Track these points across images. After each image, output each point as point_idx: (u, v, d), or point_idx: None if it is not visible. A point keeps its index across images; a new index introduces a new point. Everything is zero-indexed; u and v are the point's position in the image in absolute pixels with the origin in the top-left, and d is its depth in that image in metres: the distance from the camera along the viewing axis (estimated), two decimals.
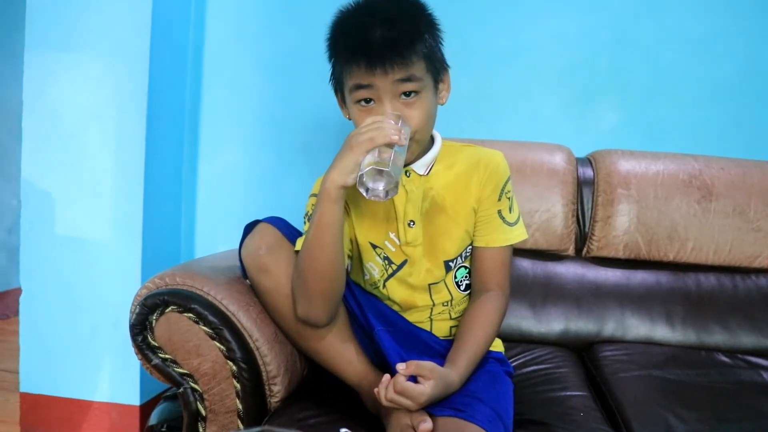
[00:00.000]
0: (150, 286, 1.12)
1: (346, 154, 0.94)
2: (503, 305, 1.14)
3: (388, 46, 0.97)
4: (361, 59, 0.99)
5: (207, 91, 1.93)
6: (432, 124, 1.10)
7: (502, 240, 1.15)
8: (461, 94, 1.84)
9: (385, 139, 0.92)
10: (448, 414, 0.95)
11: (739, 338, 1.52)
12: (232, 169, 1.95)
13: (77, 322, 1.72)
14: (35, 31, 1.68)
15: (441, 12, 1.80)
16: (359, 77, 1.01)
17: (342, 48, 1.04)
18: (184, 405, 1.09)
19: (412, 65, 1.00)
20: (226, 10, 1.92)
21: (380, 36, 0.98)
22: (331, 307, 1.05)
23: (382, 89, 1.00)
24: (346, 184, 0.95)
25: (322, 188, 0.97)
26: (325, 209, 0.97)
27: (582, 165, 1.68)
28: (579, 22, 1.80)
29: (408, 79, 1.00)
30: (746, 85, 1.76)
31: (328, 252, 1.00)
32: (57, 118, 1.68)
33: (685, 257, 1.59)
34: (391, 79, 0.99)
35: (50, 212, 1.71)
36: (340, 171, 0.95)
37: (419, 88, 1.02)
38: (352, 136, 0.95)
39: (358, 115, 1.04)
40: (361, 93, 1.02)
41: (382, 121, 0.94)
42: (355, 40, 1.00)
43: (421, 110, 1.03)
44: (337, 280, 1.03)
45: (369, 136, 0.92)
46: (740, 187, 1.58)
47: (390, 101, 1.01)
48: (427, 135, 1.10)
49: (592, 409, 1.14)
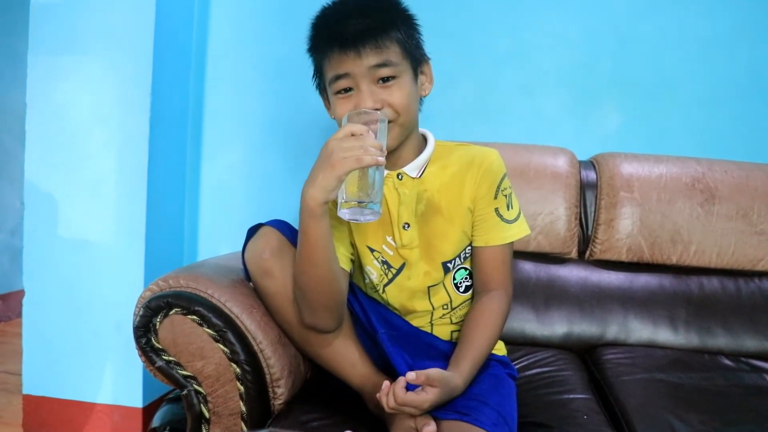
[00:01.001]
0: (154, 289, 1.12)
1: (326, 169, 0.90)
2: (506, 305, 1.13)
3: (361, 32, 1.00)
4: (336, 47, 1.02)
5: (210, 93, 1.94)
6: (415, 111, 1.09)
7: (500, 238, 1.14)
8: (464, 97, 1.85)
9: (371, 161, 0.88)
10: (452, 417, 0.95)
11: (743, 341, 1.52)
12: (235, 171, 1.95)
13: (80, 324, 1.72)
14: (38, 33, 1.68)
15: (443, 14, 1.83)
16: (336, 67, 1.03)
17: (318, 41, 1.08)
18: (188, 407, 1.09)
19: (386, 50, 1.02)
20: (230, 13, 1.92)
21: (353, 24, 1.01)
22: (335, 314, 1.05)
23: (359, 75, 1.02)
24: (328, 200, 0.93)
25: (304, 204, 0.94)
26: (311, 226, 0.95)
27: (585, 168, 1.68)
28: (582, 25, 1.80)
29: (383, 64, 1.02)
30: (750, 87, 1.76)
31: (321, 267, 0.99)
32: (60, 120, 1.69)
33: (688, 260, 1.59)
34: (366, 65, 1.01)
35: (53, 214, 1.71)
36: (322, 189, 0.91)
37: (396, 73, 1.04)
38: (333, 150, 0.90)
39: (339, 104, 1.05)
40: (340, 83, 1.04)
41: (364, 138, 0.90)
42: (329, 32, 1.04)
43: (400, 91, 1.04)
44: (336, 291, 1.03)
45: (355, 155, 0.88)
46: (743, 191, 1.58)
47: (368, 86, 1.02)
48: (410, 120, 1.08)
49: (595, 412, 1.14)
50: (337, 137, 0.91)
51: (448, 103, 1.85)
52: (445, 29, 1.83)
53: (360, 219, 0.93)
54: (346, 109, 1.02)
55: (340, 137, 0.91)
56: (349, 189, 0.91)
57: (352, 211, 0.92)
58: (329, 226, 0.97)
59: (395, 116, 1.04)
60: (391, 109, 1.03)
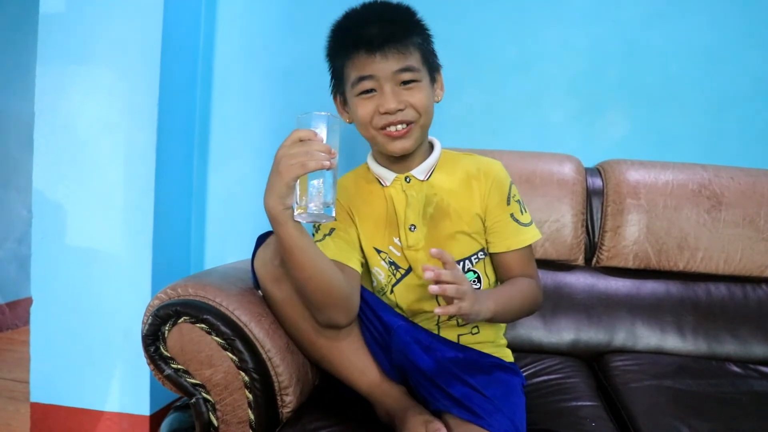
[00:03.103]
0: (162, 297, 1.13)
1: (275, 177, 0.91)
2: (536, 287, 1.18)
3: (386, 37, 1.06)
4: (362, 49, 1.06)
5: (217, 102, 1.94)
6: (431, 114, 1.14)
7: (521, 241, 1.18)
8: (471, 105, 1.86)
9: (315, 166, 0.88)
10: (467, 418, 0.96)
11: (751, 348, 1.52)
12: (242, 180, 1.95)
13: (87, 332, 1.72)
14: (47, 44, 1.70)
15: (451, 22, 1.84)
16: (361, 68, 1.07)
17: (342, 44, 1.12)
18: (197, 415, 1.09)
19: (409, 55, 1.08)
20: (236, 22, 1.93)
21: (378, 30, 1.06)
22: (344, 309, 1.05)
23: (383, 78, 1.07)
24: (286, 206, 0.93)
25: (267, 213, 0.94)
26: (281, 233, 0.95)
27: (591, 175, 1.69)
28: (588, 33, 1.81)
29: (407, 69, 1.07)
30: (756, 94, 1.76)
31: (306, 268, 0.99)
32: (68, 130, 1.70)
33: (695, 267, 1.58)
34: (391, 68, 1.06)
35: (61, 223, 1.72)
36: (276, 196, 0.92)
37: (417, 77, 1.09)
38: (281, 156, 0.90)
39: (361, 104, 1.09)
40: (364, 84, 1.08)
41: (311, 143, 0.90)
42: (355, 35, 1.08)
43: (421, 93, 1.09)
44: (333, 287, 1.02)
45: (300, 161, 0.88)
46: (750, 197, 1.58)
47: (391, 88, 1.07)
48: (429, 122, 1.13)
49: (603, 420, 1.14)
50: (285, 144, 0.92)
51: (455, 111, 1.85)
52: (452, 37, 1.84)
53: (308, 220, 0.94)
54: (369, 109, 1.08)
55: (288, 144, 0.92)
56: (299, 193, 0.92)
57: (304, 215, 0.92)
58: (299, 228, 0.96)
59: (417, 117, 1.09)
60: (413, 110, 1.09)
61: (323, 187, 0.92)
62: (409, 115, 1.08)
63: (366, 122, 1.10)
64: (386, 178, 1.18)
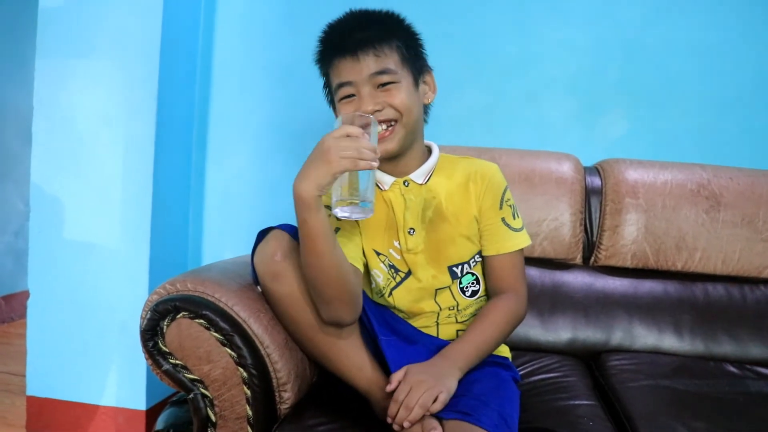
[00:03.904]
0: (161, 292, 1.12)
1: (321, 165, 0.92)
2: (515, 304, 1.17)
3: (362, 42, 1.08)
4: (339, 56, 1.10)
5: (216, 97, 1.94)
6: (417, 113, 1.14)
7: (510, 246, 1.18)
8: (471, 104, 1.86)
9: (365, 165, 0.91)
10: (455, 417, 0.96)
11: (748, 348, 1.52)
12: (240, 175, 1.95)
13: (84, 325, 1.72)
14: (46, 37, 1.69)
15: (450, 21, 1.83)
16: (339, 75, 1.10)
17: (324, 52, 1.15)
18: (194, 411, 1.09)
19: (385, 57, 1.09)
20: (236, 17, 1.93)
21: (355, 36, 1.09)
22: (351, 306, 1.05)
23: (360, 82, 1.08)
24: (321, 194, 0.94)
25: (298, 198, 0.95)
26: (309, 218, 0.96)
27: (590, 174, 1.69)
28: (588, 32, 1.81)
29: (383, 71, 1.08)
30: (755, 94, 1.77)
31: (325, 257, 0.99)
32: (67, 124, 1.69)
33: (693, 267, 1.59)
34: (367, 72, 1.08)
35: (59, 216, 1.72)
36: (316, 183, 0.92)
37: (395, 79, 1.09)
38: (330, 148, 0.91)
39: (343, 109, 1.11)
40: (344, 90, 1.10)
41: (360, 140, 0.92)
42: (334, 42, 1.12)
43: (401, 93, 1.09)
44: (346, 281, 1.03)
45: (351, 155, 0.90)
46: (749, 197, 1.58)
47: (368, 91, 1.08)
48: (413, 121, 1.12)
49: (600, 419, 1.14)
50: (334, 135, 0.93)
51: (454, 110, 1.85)
52: (452, 36, 1.84)
53: (353, 216, 0.97)
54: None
55: (337, 136, 0.93)
56: (344, 188, 0.94)
57: (347, 209, 0.95)
58: (326, 216, 0.98)
59: (398, 116, 1.10)
60: (392, 109, 1.09)
61: (369, 184, 0.95)
62: (389, 114, 1.09)
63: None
64: (385, 182, 1.18)
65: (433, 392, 0.95)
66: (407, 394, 0.95)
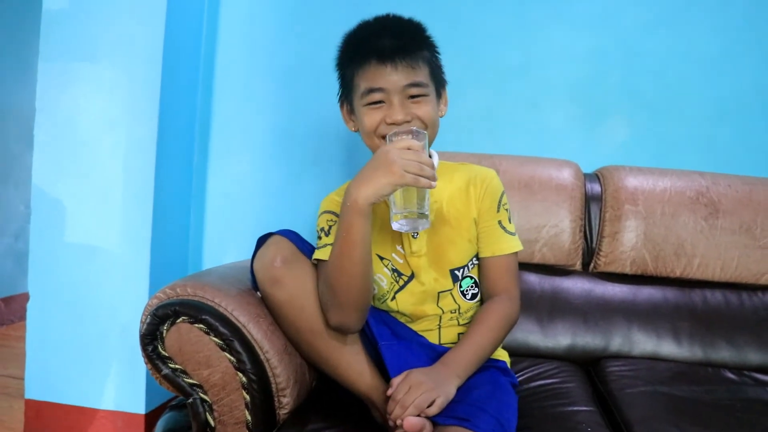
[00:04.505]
0: (161, 297, 1.13)
1: (383, 174, 0.95)
2: (508, 307, 1.17)
3: (397, 49, 1.08)
4: (373, 60, 1.08)
5: (218, 101, 1.95)
6: (437, 128, 1.15)
7: (506, 248, 1.19)
8: (472, 109, 1.86)
9: (427, 183, 0.95)
10: (452, 423, 0.96)
11: (746, 355, 1.52)
12: (242, 179, 1.95)
13: (84, 329, 1.72)
14: (49, 40, 1.70)
15: (452, 26, 1.84)
16: (371, 80, 1.09)
17: (354, 54, 1.13)
18: (194, 415, 1.10)
19: (419, 69, 1.10)
20: (238, 22, 1.93)
21: (390, 42, 1.08)
22: (362, 314, 1.07)
23: (393, 90, 1.08)
24: (377, 202, 0.97)
25: (352, 201, 0.97)
26: (356, 224, 0.98)
27: (590, 181, 1.69)
28: (589, 39, 1.81)
29: (416, 84, 1.09)
30: (755, 102, 1.77)
31: (358, 265, 1.01)
32: (69, 127, 1.70)
33: (692, 273, 1.59)
34: (401, 82, 1.08)
35: (60, 219, 1.72)
36: (375, 191, 0.96)
37: (425, 92, 1.11)
38: (395, 160, 0.95)
39: (369, 114, 1.11)
40: (373, 96, 1.10)
41: (421, 155, 0.96)
42: (367, 46, 1.10)
43: (428, 107, 1.11)
44: (367, 290, 1.05)
45: (414, 170, 0.94)
46: (747, 205, 1.58)
47: (400, 101, 1.08)
48: (434, 135, 1.15)
49: (599, 425, 1.14)
50: (398, 146, 0.97)
51: (455, 115, 1.84)
52: (453, 41, 1.84)
53: (409, 228, 1.00)
54: (375, 119, 1.10)
55: (400, 147, 0.97)
56: (406, 201, 0.97)
57: (407, 222, 0.98)
58: (371, 225, 1.00)
59: (423, 128, 1.10)
60: (420, 122, 1.10)
61: (427, 198, 0.99)
62: (416, 126, 1.09)
63: (371, 131, 1.11)
64: None
65: (431, 395, 0.96)
66: (405, 394, 0.96)
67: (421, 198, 0.98)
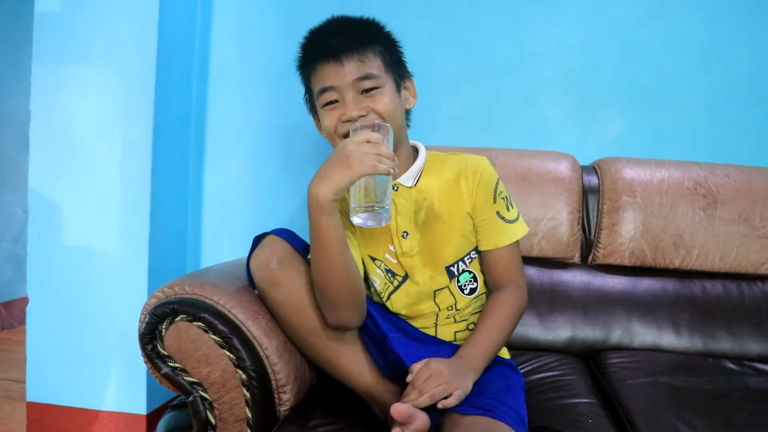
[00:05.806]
0: (159, 296, 1.13)
1: (341, 169, 0.93)
2: (517, 297, 1.17)
3: (345, 47, 1.08)
4: (321, 61, 1.09)
5: (213, 102, 1.94)
6: (400, 119, 1.14)
7: (507, 239, 1.18)
8: (466, 103, 1.86)
9: (385, 170, 0.93)
10: (477, 413, 0.96)
11: (746, 345, 1.52)
12: (238, 179, 1.95)
13: (84, 331, 1.72)
14: (43, 43, 1.69)
15: (445, 21, 1.84)
16: (322, 80, 1.10)
17: (306, 57, 1.15)
18: (194, 413, 1.09)
19: (369, 62, 1.09)
20: (232, 22, 1.93)
21: (338, 42, 1.09)
22: (357, 310, 1.06)
23: (344, 87, 1.08)
24: (336, 198, 0.96)
25: (314, 201, 0.96)
26: (322, 221, 0.97)
27: (587, 173, 1.69)
28: (584, 31, 1.81)
29: (366, 76, 1.08)
30: (751, 92, 1.77)
31: (336, 262, 1.00)
32: (64, 130, 1.70)
33: (691, 264, 1.59)
34: (350, 77, 1.07)
35: (57, 222, 1.72)
36: (333, 187, 0.94)
37: (378, 84, 1.10)
38: (351, 152, 0.93)
39: (326, 115, 1.11)
40: (326, 95, 1.10)
41: (380, 146, 0.95)
42: (316, 48, 1.12)
43: (384, 98, 1.09)
44: (354, 284, 1.04)
45: (371, 161, 0.92)
46: (745, 194, 1.58)
47: (352, 96, 1.08)
48: (396, 127, 1.10)
49: (600, 416, 1.14)
50: (355, 140, 0.95)
51: (450, 110, 1.85)
52: (447, 36, 1.84)
53: (370, 223, 0.97)
54: (333, 119, 1.09)
55: (357, 141, 0.95)
56: (362, 194, 0.95)
57: (365, 216, 0.95)
58: (340, 220, 0.99)
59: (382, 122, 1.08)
60: (375, 115, 1.09)
61: (388, 190, 0.96)
62: (373, 119, 1.07)
63: (331, 132, 1.11)
64: None
65: (449, 387, 0.96)
66: (424, 381, 0.96)
67: (382, 192, 0.95)
